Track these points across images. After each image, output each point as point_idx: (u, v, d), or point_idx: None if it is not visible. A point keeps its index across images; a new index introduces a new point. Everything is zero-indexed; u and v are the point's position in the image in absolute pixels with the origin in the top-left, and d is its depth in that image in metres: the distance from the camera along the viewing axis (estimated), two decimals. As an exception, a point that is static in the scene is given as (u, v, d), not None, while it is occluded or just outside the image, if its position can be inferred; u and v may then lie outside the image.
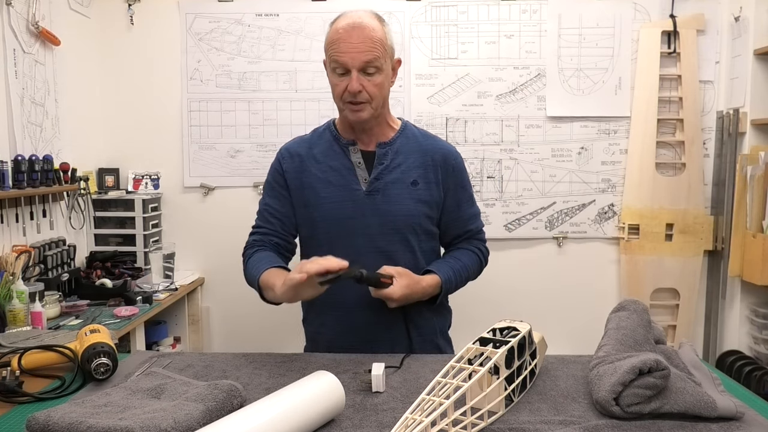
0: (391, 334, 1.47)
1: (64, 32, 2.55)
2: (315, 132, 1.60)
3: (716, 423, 0.94)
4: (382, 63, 1.41)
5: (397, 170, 1.49)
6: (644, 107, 2.87)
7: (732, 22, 2.83)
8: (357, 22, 1.39)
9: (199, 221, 2.97)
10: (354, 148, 1.51)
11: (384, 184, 1.48)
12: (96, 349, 1.12)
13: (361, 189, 1.48)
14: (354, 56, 1.38)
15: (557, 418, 0.96)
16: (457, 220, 1.57)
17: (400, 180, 1.48)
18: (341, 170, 1.49)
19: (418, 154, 1.52)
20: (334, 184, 1.48)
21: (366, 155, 1.51)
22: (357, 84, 1.39)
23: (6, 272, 1.94)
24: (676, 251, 2.91)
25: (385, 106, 1.51)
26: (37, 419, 0.87)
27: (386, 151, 1.50)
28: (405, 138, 1.53)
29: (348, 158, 1.50)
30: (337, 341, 1.49)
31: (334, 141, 1.53)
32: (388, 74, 1.45)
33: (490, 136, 2.92)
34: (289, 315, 2.97)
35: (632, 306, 1.18)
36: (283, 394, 0.91)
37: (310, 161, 1.52)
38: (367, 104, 1.43)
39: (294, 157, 1.54)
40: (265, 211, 1.56)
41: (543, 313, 2.91)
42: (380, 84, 1.42)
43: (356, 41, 1.38)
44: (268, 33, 2.91)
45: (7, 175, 2.10)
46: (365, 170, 1.49)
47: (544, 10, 2.88)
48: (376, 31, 1.40)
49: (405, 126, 1.57)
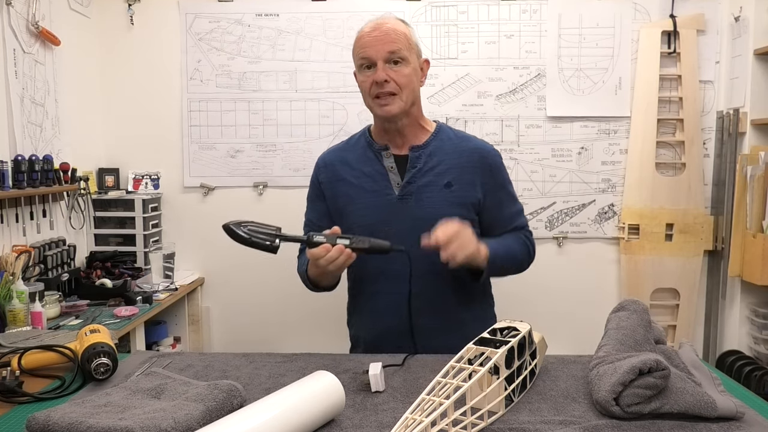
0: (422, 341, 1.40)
1: (64, 32, 2.55)
2: (351, 139, 1.61)
3: (716, 423, 0.93)
4: (406, 54, 1.43)
5: (430, 173, 1.48)
6: (644, 107, 2.87)
7: (732, 22, 2.83)
8: (380, 22, 1.46)
9: (199, 221, 2.97)
10: (387, 153, 1.50)
11: (417, 188, 1.47)
12: (96, 349, 1.12)
13: (394, 194, 1.47)
14: (378, 48, 1.42)
15: (557, 418, 0.96)
16: (500, 219, 1.54)
17: (434, 183, 1.47)
18: (374, 176, 1.49)
19: (453, 155, 1.50)
20: (367, 190, 1.48)
21: (399, 160, 1.50)
22: (383, 73, 1.42)
23: (6, 272, 1.94)
24: (676, 251, 2.91)
25: (416, 106, 1.51)
26: (37, 419, 0.87)
27: (419, 155, 1.49)
28: (439, 140, 1.52)
29: (381, 163, 1.50)
30: (375, 344, 1.49)
31: (367, 147, 1.53)
32: (416, 69, 1.47)
33: (490, 136, 2.92)
34: (288, 315, 2.98)
35: (632, 306, 1.18)
36: (283, 394, 0.91)
37: (345, 169, 1.52)
38: (396, 97, 1.43)
39: (328, 167, 1.55)
40: (306, 226, 1.59)
41: (543, 313, 2.91)
42: (407, 75, 1.44)
43: (379, 35, 1.43)
44: (268, 33, 2.91)
45: (7, 175, 2.10)
46: (398, 175, 1.49)
47: (544, 10, 2.88)
48: (399, 26, 1.45)
49: (440, 128, 1.55)
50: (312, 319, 2.88)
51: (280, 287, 2.89)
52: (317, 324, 2.83)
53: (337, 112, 2.91)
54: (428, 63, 1.54)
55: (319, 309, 2.63)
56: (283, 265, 1.95)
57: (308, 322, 2.92)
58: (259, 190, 2.96)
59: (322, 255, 1.27)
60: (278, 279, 2.81)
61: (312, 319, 2.88)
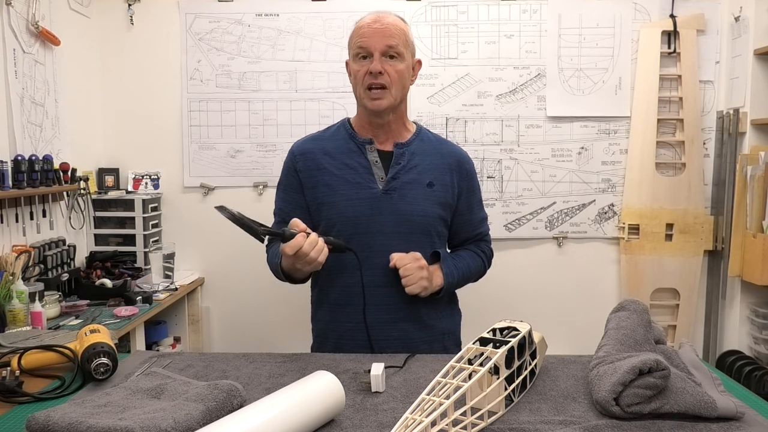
0: (398, 333, 1.48)
1: (64, 32, 2.55)
2: (327, 130, 1.61)
3: (716, 423, 0.94)
4: (403, 51, 1.46)
5: (413, 171, 1.50)
6: (644, 107, 2.87)
7: (732, 22, 2.83)
8: (381, 15, 1.48)
9: (199, 221, 2.97)
10: (371, 147, 1.52)
11: (401, 184, 1.48)
12: (96, 349, 1.12)
13: (378, 188, 1.48)
14: (377, 40, 1.44)
15: (557, 418, 0.96)
16: (468, 223, 1.60)
17: (417, 181, 1.50)
18: (358, 168, 1.50)
19: (434, 156, 1.54)
20: (350, 182, 1.49)
21: (382, 155, 1.52)
22: (379, 64, 1.43)
23: (6, 272, 1.94)
24: (676, 251, 2.91)
25: (404, 103, 1.54)
26: (37, 419, 0.87)
27: (404, 152, 1.51)
28: (421, 141, 1.56)
29: (365, 156, 1.51)
30: (345, 339, 1.50)
31: (350, 139, 1.54)
32: (409, 67, 1.50)
33: (490, 136, 2.92)
34: (288, 315, 2.98)
35: (632, 306, 1.18)
36: (283, 394, 0.91)
37: (325, 158, 1.52)
38: (387, 91, 1.45)
39: (307, 155, 1.54)
40: (276, 215, 1.59)
41: (543, 313, 2.91)
42: (401, 71, 1.46)
43: (380, 27, 1.45)
44: (268, 33, 2.91)
45: (7, 175, 2.09)
46: (382, 169, 1.50)
47: (544, 10, 2.88)
48: (399, 23, 1.48)
49: (420, 129, 1.60)
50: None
51: (280, 287, 2.85)
52: (317, 324, 2.83)
53: (337, 112, 2.91)
54: (420, 63, 1.56)
55: (319, 309, 2.62)
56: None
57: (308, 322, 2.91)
58: (259, 190, 2.96)
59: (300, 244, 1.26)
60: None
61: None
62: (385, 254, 1.44)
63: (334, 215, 1.48)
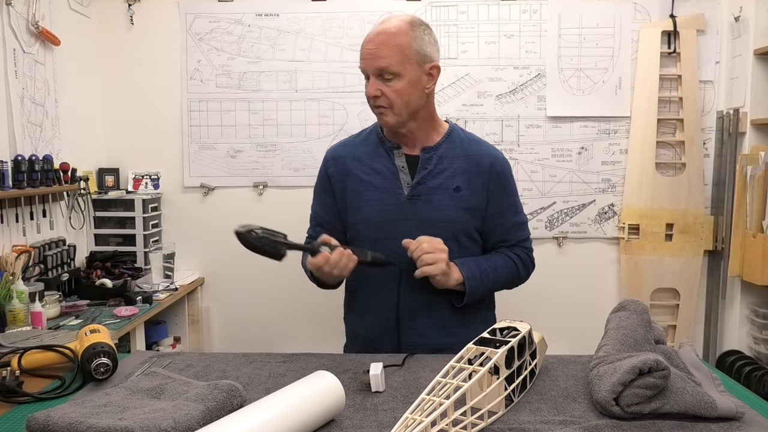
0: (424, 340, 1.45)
1: (64, 32, 2.55)
2: (360, 133, 1.60)
3: (716, 423, 0.94)
4: (398, 69, 1.39)
5: (440, 176, 1.47)
6: (644, 107, 2.87)
7: (732, 22, 2.83)
8: (382, 28, 1.42)
9: (199, 221, 2.97)
10: (398, 152, 1.50)
11: (426, 189, 1.46)
12: (96, 349, 1.12)
13: (403, 193, 1.47)
14: (369, 62, 1.41)
15: (557, 418, 0.96)
16: (499, 228, 1.52)
17: (443, 186, 1.46)
18: (385, 173, 1.49)
19: (463, 159, 1.49)
20: (377, 187, 1.48)
21: (410, 159, 1.49)
22: (372, 89, 1.42)
23: (6, 272, 1.94)
24: (676, 251, 2.91)
25: (424, 111, 1.48)
26: (37, 419, 0.87)
27: (431, 156, 1.48)
28: (451, 143, 1.51)
29: (392, 162, 1.49)
30: (373, 341, 1.50)
31: (379, 143, 1.53)
32: (413, 80, 1.42)
33: (490, 136, 2.92)
34: (289, 315, 2.98)
35: (632, 306, 1.18)
36: (283, 394, 0.91)
37: (354, 164, 1.52)
38: (389, 110, 1.42)
39: (338, 160, 1.55)
40: (312, 219, 1.61)
41: (543, 313, 2.91)
42: (399, 90, 1.40)
43: (373, 47, 1.41)
44: (268, 33, 2.91)
45: (7, 175, 2.09)
46: (408, 174, 1.48)
47: (544, 10, 2.88)
48: (397, 37, 1.40)
49: (452, 130, 1.54)
50: (312, 319, 2.88)
51: (280, 287, 2.89)
52: (317, 324, 2.83)
53: (337, 112, 2.92)
54: (438, 69, 1.46)
55: (319, 309, 2.62)
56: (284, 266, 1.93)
57: (308, 322, 2.92)
58: (259, 190, 2.96)
59: (322, 264, 1.32)
60: (278, 279, 2.81)
61: (312, 319, 2.88)
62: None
63: (360, 220, 1.48)
